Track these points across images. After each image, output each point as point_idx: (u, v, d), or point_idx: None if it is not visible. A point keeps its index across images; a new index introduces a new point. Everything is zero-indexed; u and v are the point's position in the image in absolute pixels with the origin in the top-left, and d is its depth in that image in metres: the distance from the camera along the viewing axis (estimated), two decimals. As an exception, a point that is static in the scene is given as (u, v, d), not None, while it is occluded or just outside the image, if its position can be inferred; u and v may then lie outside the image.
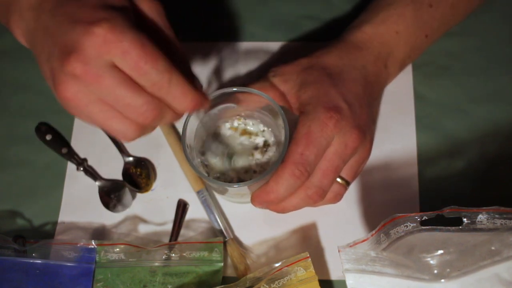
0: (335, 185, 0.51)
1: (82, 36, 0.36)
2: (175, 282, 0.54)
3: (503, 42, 0.62)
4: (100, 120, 0.39)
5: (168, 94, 0.39)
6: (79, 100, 0.38)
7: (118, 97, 0.38)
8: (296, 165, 0.46)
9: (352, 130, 0.48)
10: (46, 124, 0.62)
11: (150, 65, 0.37)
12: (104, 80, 0.37)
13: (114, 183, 0.59)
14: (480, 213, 0.46)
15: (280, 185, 0.47)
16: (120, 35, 0.36)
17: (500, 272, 0.43)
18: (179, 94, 0.39)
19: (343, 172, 0.51)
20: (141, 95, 0.38)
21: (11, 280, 0.55)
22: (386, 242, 0.48)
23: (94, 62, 0.37)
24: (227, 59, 0.64)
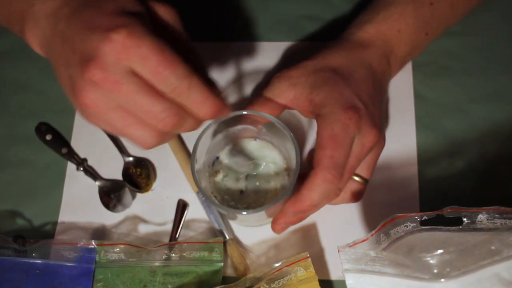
0: (355, 184, 0.52)
1: (100, 42, 0.36)
2: (175, 282, 0.54)
3: (503, 42, 0.62)
4: (119, 127, 0.39)
5: (188, 99, 0.38)
6: (99, 107, 0.38)
7: (137, 103, 0.38)
8: (327, 169, 0.46)
9: (369, 130, 0.48)
10: (46, 124, 0.62)
11: (169, 71, 0.37)
12: (123, 87, 0.37)
13: (114, 183, 0.59)
14: (480, 213, 0.46)
15: (314, 192, 0.47)
16: (138, 41, 0.36)
17: (500, 271, 0.43)
18: (199, 99, 0.39)
19: (361, 170, 0.52)
20: (160, 101, 0.38)
21: (11, 280, 0.55)
22: (386, 242, 0.48)
23: (113, 68, 0.36)
24: (227, 59, 0.64)
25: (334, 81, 0.50)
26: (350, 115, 0.47)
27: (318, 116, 0.49)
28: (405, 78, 0.61)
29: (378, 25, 0.54)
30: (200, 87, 0.38)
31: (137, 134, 0.39)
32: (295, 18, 0.65)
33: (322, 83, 0.50)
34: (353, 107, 0.48)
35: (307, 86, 0.50)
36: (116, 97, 0.37)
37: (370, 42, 0.54)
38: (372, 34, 0.54)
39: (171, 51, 0.37)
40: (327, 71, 0.51)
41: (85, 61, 0.37)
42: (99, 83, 0.37)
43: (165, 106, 0.38)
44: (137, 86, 0.37)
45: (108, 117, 0.39)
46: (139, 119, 0.39)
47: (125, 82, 0.37)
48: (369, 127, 0.48)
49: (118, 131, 0.40)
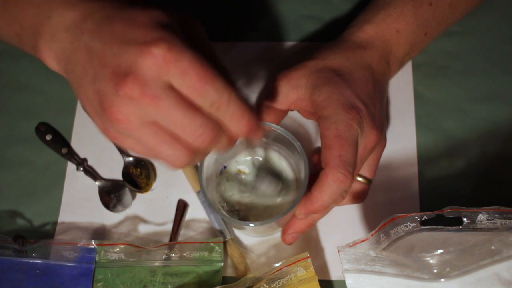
0: (358, 184, 0.52)
1: (139, 57, 0.35)
2: (175, 282, 0.54)
3: (503, 42, 0.62)
4: (151, 144, 0.38)
5: (226, 113, 0.37)
6: (132, 123, 0.37)
7: (175, 119, 0.36)
8: (338, 168, 0.46)
9: (371, 131, 0.48)
10: (46, 124, 0.62)
11: (209, 84, 0.36)
12: (162, 102, 0.36)
13: (114, 183, 0.59)
14: (480, 213, 0.46)
15: (325, 193, 0.46)
16: (178, 55, 0.35)
17: (500, 271, 0.43)
18: (237, 114, 0.38)
19: (364, 170, 0.52)
20: (198, 116, 0.37)
21: (11, 280, 0.55)
22: (386, 242, 0.48)
23: (152, 83, 0.35)
24: (227, 59, 0.64)
25: (335, 82, 0.50)
26: (353, 116, 0.47)
27: (320, 117, 0.49)
28: (405, 78, 0.61)
29: (377, 25, 0.54)
30: (239, 102, 0.38)
31: (168, 152, 0.38)
32: (295, 18, 0.65)
33: (323, 84, 0.50)
34: (354, 108, 0.48)
35: (308, 87, 0.50)
36: (153, 112, 0.36)
37: (370, 43, 0.54)
38: (371, 35, 0.54)
39: (210, 65, 0.36)
40: (328, 72, 0.51)
41: (120, 75, 0.36)
42: (136, 98, 0.36)
43: (202, 121, 0.37)
44: (175, 101, 0.36)
45: (140, 134, 0.37)
46: (172, 137, 0.37)
47: (164, 97, 0.36)
48: (370, 128, 0.48)
49: (149, 149, 0.38)
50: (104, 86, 0.37)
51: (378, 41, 0.54)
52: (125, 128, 0.37)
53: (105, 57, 0.37)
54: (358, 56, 0.53)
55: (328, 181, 0.46)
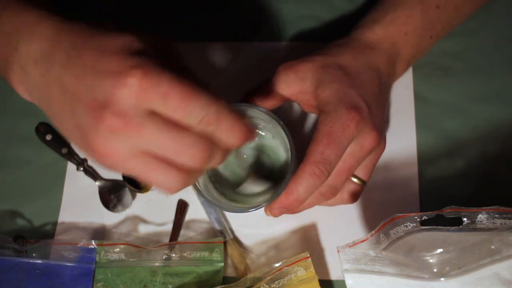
0: (352, 185, 0.52)
1: (114, 88, 0.34)
2: (176, 282, 0.54)
3: (503, 42, 0.62)
4: (143, 174, 0.36)
5: (218, 128, 0.36)
6: (120, 156, 0.35)
7: (163, 144, 0.35)
8: (316, 164, 0.46)
9: (370, 132, 0.48)
10: (46, 124, 0.62)
11: (194, 102, 0.34)
12: (147, 130, 0.35)
13: (114, 183, 0.59)
14: (480, 213, 0.46)
15: (300, 186, 0.46)
16: (156, 80, 0.34)
17: (500, 271, 0.43)
18: (228, 125, 0.36)
19: (359, 172, 0.51)
20: (188, 136, 0.35)
21: (11, 280, 0.55)
22: (386, 242, 0.48)
23: (132, 113, 0.34)
24: (227, 59, 0.64)
25: (341, 79, 0.50)
26: (352, 116, 0.47)
27: (321, 112, 0.49)
28: (405, 78, 0.61)
29: (386, 26, 0.54)
30: (228, 112, 0.36)
31: (161, 178, 0.36)
32: (295, 18, 0.65)
33: (329, 80, 0.50)
34: (356, 108, 0.47)
35: (314, 81, 0.50)
36: (139, 142, 0.35)
37: (378, 44, 0.54)
38: (381, 36, 0.54)
39: (190, 82, 0.35)
40: (335, 69, 0.51)
41: (98, 109, 0.34)
42: (118, 130, 0.34)
43: (193, 140, 0.35)
44: (160, 126, 0.35)
45: (129, 165, 0.36)
46: (164, 162, 0.36)
47: (148, 124, 0.34)
48: (370, 129, 0.48)
49: (141, 177, 0.37)
50: (84, 121, 0.35)
51: (387, 42, 0.54)
52: (114, 162, 0.36)
53: (79, 91, 0.36)
54: (367, 57, 0.53)
55: (305, 174, 0.46)
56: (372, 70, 0.52)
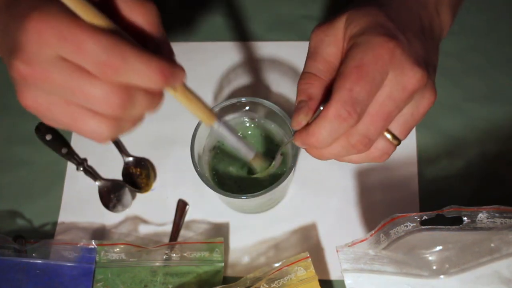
0: (383, 141, 0.42)
1: (19, 34, 0.32)
2: (176, 282, 0.54)
3: (502, 42, 0.62)
4: (68, 122, 0.35)
5: (128, 72, 0.32)
6: (41, 106, 0.34)
7: (74, 89, 0.33)
8: (343, 104, 0.38)
9: (412, 68, 0.39)
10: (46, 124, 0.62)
11: (92, 45, 0.31)
12: (53, 75, 0.32)
13: (114, 183, 0.59)
14: (480, 212, 0.46)
15: (323, 129, 0.39)
16: (51, 22, 0.31)
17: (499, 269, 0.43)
18: (141, 67, 0.32)
19: (394, 126, 0.42)
20: (96, 83, 0.33)
21: (11, 280, 0.55)
22: (385, 242, 0.48)
23: (37, 58, 0.32)
24: (227, 59, 0.64)
25: (375, 14, 0.41)
26: (388, 45, 0.38)
27: (351, 46, 0.40)
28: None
29: None
30: (137, 53, 0.32)
31: (88, 127, 0.34)
32: (295, 18, 0.65)
33: (361, 15, 0.41)
34: (392, 36, 0.39)
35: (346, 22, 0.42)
36: (51, 88, 0.33)
37: None
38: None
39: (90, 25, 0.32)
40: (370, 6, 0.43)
41: (12, 58, 0.33)
42: (28, 78, 0.33)
43: (104, 84, 0.33)
44: (67, 71, 0.32)
45: (53, 115, 0.34)
46: (86, 110, 0.34)
47: (53, 69, 0.32)
48: (411, 65, 0.39)
49: (69, 127, 0.35)
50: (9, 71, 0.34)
51: None
52: (38, 112, 0.35)
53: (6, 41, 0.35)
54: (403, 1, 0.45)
55: (328, 115, 0.38)
56: (412, 12, 0.44)
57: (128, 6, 0.35)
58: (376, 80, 0.38)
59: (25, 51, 0.32)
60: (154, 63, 0.32)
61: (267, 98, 0.54)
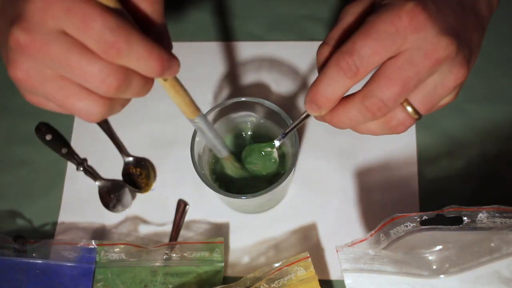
0: (401, 112, 0.39)
1: (23, 3, 0.32)
2: (176, 282, 0.54)
3: (503, 42, 0.62)
4: (59, 99, 0.34)
5: (129, 55, 0.32)
6: (33, 79, 0.33)
7: (72, 65, 0.32)
8: (343, 54, 0.36)
9: (437, 35, 0.36)
10: (46, 124, 0.62)
11: (100, 23, 0.31)
12: (52, 48, 0.32)
13: (114, 183, 0.59)
14: (480, 212, 0.46)
15: (326, 81, 0.38)
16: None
17: (499, 269, 0.43)
18: (142, 54, 0.33)
19: (416, 99, 0.39)
20: (98, 60, 0.32)
21: (11, 280, 0.55)
22: (385, 242, 0.48)
23: (39, 28, 0.32)
24: (227, 59, 0.64)
25: None
26: (411, 8, 0.36)
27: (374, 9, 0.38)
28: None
29: None
30: (141, 39, 0.32)
31: (79, 105, 0.34)
32: (295, 18, 0.65)
33: None
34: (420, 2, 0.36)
35: None
36: (48, 62, 0.33)
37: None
38: None
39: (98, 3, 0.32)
40: None
41: (10, 25, 0.32)
42: (25, 47, 0.32)
43: (103, 64, 0.32)
44: (67, 45, 0.32)
45: (45, 90, 0.34)
46: (80, 87, 0.34)
47: (54, 42, 0.32)
48: (438, 32, 0.36)
49: (59, 104, 0.35)
50: (2, 40, 0.34)
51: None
52: (29, 86, 0.34)
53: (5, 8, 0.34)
54: None
55: (330, 64, 0.37)
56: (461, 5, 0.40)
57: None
58: (386, 40, 0.36)
59: (27, 20, 0.32)
60: (156, 51, 0.33)
61: (267, 98, 0.54)
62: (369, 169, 0.58)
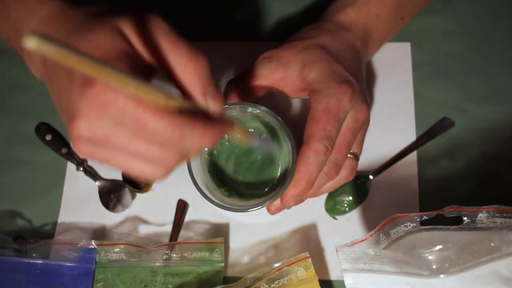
0: (348, 160, 0.51)
1: (79, 99, 0.34)
2: (176, 282, 0.54)
3: (503, 42, 0.62)
4: (124, 169, 0.37)
5: (185, 144, 0.35)
6: (99, 157, 0.36)
7: (134, 151, 0.35)
8: (321, 140, 0.46)
9: (362, 105, 0.48)
10: (46, 124, 0.62)
11: (153, 122, 0.33)
12: (113, 140, 0.35)
13: (114, 183, 0.59)
14: (480, 212, 0.46)
15: (310, 165, 0.46)
16: (113, 95, 0.33)
17: (499, 268, 0.43)
18: (197, 137, 0.35)
19: (354, 147, 0.51)
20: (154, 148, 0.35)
21: (11, 280, 0.55)
22: (385, 242, 0.48)
23: (98, 124, 0.34)
24: (226, 59, 0.64)
25: (325, 58, 0.50)
26: (345, 89, 0.47)
27: (312, 91, 0.49)
28: (405, 78, 0.61)
29: (358, 9, 0.55)
30: (194, 127, 0.35)
31: (144, 172, 0.37)
32: (295, 18, 0.65)
33: (313, 61, 0.50)
34: (347, 82, 0.48)
35: (298, 64, 0.50)
36: (111, 148, 0.35)
37: (351, 26, 0.54)
38: (353, 18, 0.55)
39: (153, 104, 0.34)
40: (317, 49, 0.51)
41: (71, 118, 0.35)
42: (88, 140, 0.35)
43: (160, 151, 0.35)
44: (127, 136, 0.34)
45: (112, 163, 0.37)
46: (142, 159, 0.36)
47: (114, 135, 0.34)
48: (361, 102, 0.48)
49: (127, 172, 0.37)
50: (66, 123, 0.36)
51: (359, 24, 0.55)
52: (94, 159, 0.37)
53: (60, 93, 0.37)
54: (344, 36, 0.53)
55: (311, 152, 0.46)
56: (351, 48, 0.53)
57: (182, 64, 0.38)
58: (341, 119, 0.47)
59: (84, 116, 0.34)
60: (209, 132, 0.36)
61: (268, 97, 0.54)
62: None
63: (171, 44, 0.38)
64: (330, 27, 0.54)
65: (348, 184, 0.55)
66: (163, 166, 0.36)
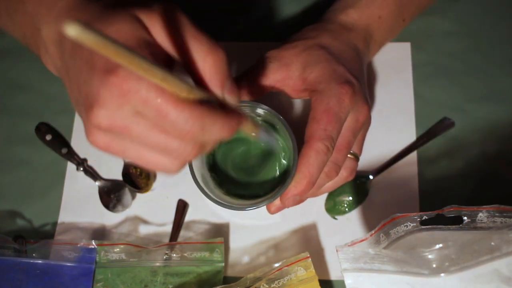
0: (348, 160, 0.51)
1: (100, 87, 0.34)
2: (176, 282, 0.54)
3: (503, 42, 0.62)
4: (141, 162, 0.37)
5: (204, 136, 0.35)
6: (114, 148, 0.36)
7: (152, 142, 0.35)
8: (322, 141, 0.46)
9: (363, 105, 0.49)
10: (46, 124, 0.62)
11: (175, 113, 0.33)
12: (132, 130, 0.34)
13: (114, 183, 0.59)
14: (480, 212, 0.46)
15: (311, 166, 0.46)
16: (136, 83, 0.33)
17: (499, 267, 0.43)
18: (216, 131, 0.35)
19: (354, 147, 0.51)
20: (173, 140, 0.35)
21: (11, 280, 0.55)
22: (385, 242, 0.48)
23: (118, 113, 0.34)
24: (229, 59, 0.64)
25: (326, 59, 0.50)
26: (346, 90, 0.47)
27: (313, 92, 0.49)
28: (405, 78, 0.61)
29: (361, 10, 0.55)
30: (215, 119, 0.35)
31: (161, 165, 0.37)
32: (296, 18, 0.65)
33: (314, 61, 0.50)
34: (348, 82, 0.48)
35: (299, 64, 0.51)
36: (128, 138, 0.35)
37: (353, 26, 0.55)
38: (356, 19, 0.55)
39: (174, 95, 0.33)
40: (318, 49, 0.51)
41: (89, 106, 0.34)
42: (106, 129, 0.35)
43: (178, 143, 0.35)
44: (146, 127, 0.34)
45: (126, 155, 0.37)
46: (160, 151, 0.36)
47: (133, 125, 0.34)
48: (362, 103, 0.49)
49: (141, 164, 0.37)
50: (82, 113, 0.36)
51: (361, 25, 0.55)
52: (109, 151, 0.36)
53: (79, 83, 0.36)
54: (345, 37, 0.53)
55: (312, 152, 0.46)
56: (352, 49, 0.53)
57: (201, 57, 0.37)
58: (341, 119, 0.47)
59: (104, 104, 0.34)
60: (227, 124, 0.36)
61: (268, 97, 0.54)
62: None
63: (192, 36, 0.38)
64: (331, 28, 0.54)
65: (348, 184, 0.55)
66: (179, 159, 0.36)
